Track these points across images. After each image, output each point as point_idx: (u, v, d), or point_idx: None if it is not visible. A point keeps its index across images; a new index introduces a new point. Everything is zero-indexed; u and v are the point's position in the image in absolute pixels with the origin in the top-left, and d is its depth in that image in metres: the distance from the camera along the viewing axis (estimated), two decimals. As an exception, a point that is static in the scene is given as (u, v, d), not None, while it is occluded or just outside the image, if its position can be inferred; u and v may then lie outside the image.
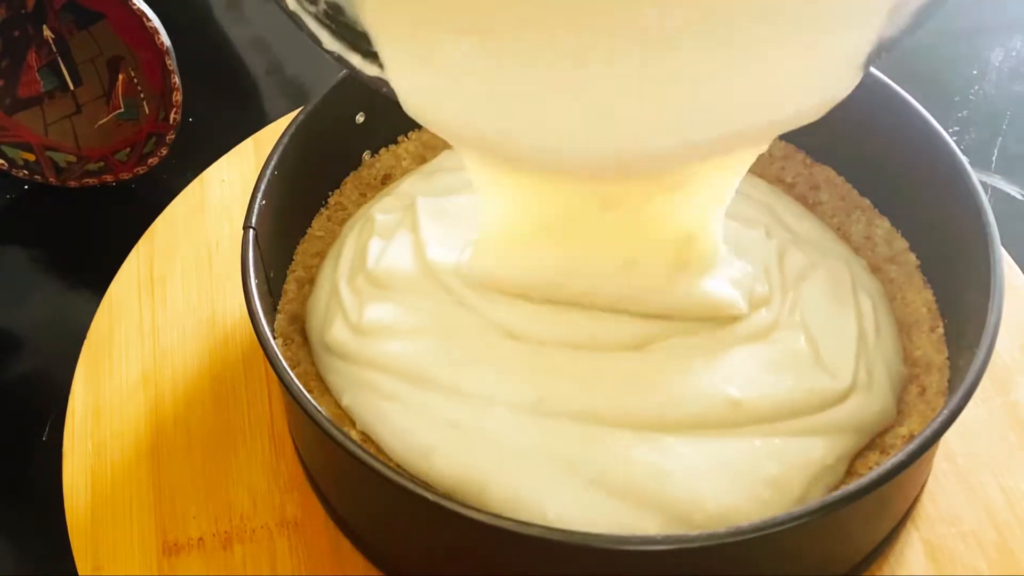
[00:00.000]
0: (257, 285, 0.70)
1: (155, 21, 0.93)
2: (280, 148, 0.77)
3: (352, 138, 0.86)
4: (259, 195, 0.74)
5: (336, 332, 0.76)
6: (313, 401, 0.65)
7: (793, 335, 0.74)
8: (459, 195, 0.83)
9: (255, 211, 0.73)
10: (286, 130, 0.78)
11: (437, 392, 0.72)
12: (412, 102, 0.66)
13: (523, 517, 0.63)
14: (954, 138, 0.74)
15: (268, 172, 0.76)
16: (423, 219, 0.81)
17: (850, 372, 0.73)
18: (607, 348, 0.73)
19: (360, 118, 0.85)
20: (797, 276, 0.78)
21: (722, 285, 0.75)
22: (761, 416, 0.70)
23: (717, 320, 0.74)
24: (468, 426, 0.70)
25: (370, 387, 0.73)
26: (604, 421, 0.70)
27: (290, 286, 0.80)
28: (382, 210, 0.84)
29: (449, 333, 0.75)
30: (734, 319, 0.74)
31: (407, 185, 0.86)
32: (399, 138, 0.89)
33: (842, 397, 0.71)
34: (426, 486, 0.64)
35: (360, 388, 0.73)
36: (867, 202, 0.83)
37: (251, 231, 0.72)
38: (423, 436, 0.70)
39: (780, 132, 0.67)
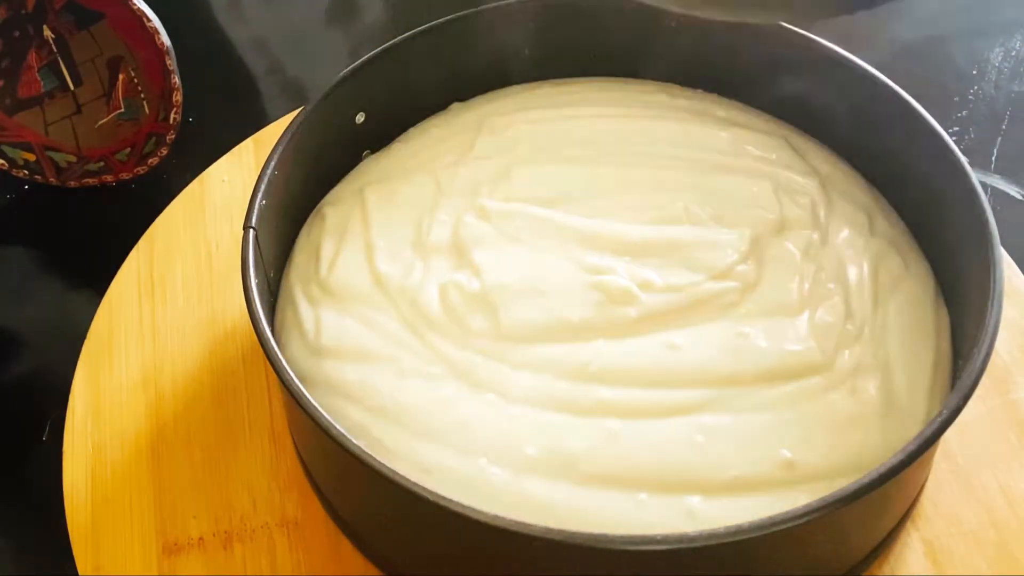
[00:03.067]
0: (257, 284, 0.71)
1: (155, 21, 0.93)
2: (280, 148, 0.77)
3: (352, 138, 0.86)
4: (259, 195, 0.74)
5: (294, 350, 0.75)
6: (313, 400, 0.65)
7: (870, 382, 0.72)
8: (411, 177, 0.84)
9: (255, 211, 0.74)
10: (286, 130, 0.79)
11: (403, 431, 0.70)
12: None
13: None
14: (954, 138, 0.75)
15: (268, 172, 0.76)
16: (372, 214, 0.81)
17: (923, 414, 0.71)
18: (637, 416, 0.71)
19: (360, 118, 0.85)
20: (890, 287, 0.77)
21: (799, 339, 0.74)
22: (818, 474, 0.68)
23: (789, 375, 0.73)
24: (444, 476, 0.68)
25: (337, 414, 0.71)
26: (621, 483, 0.68)
27: (289, 286, 0.80)
28: (332, 201, 0.84)
29: (410, 367, 0.74)
30: (810, 370, 0.73)
31: (363, 164, 0.87)
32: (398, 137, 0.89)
33: None
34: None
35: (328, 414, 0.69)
36: (868, 203, 0.84)
37: (251, 231, 0.73)
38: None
39: None
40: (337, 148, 0.86)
